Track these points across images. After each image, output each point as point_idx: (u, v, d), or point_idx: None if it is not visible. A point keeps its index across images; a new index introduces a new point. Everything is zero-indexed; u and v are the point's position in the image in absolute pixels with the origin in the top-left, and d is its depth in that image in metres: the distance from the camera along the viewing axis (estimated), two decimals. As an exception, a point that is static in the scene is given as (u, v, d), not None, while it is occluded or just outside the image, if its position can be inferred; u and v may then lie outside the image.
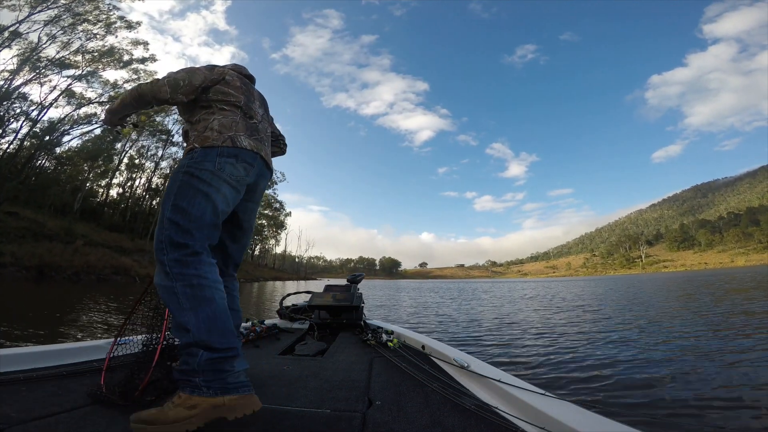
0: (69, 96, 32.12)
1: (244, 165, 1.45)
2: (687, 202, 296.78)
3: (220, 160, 1.37)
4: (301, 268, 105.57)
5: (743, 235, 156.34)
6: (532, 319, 7.93)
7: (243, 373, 1.16)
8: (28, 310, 7.09)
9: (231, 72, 1.64)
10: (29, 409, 1.12)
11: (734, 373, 3.49)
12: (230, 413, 1.07)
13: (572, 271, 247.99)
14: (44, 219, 24.15)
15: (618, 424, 0.98)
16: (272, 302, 13.08)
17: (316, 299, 2.95)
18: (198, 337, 1.12)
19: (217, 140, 1.41)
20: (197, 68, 1.57)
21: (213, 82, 1.54)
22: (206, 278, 1.21)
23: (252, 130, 1.56)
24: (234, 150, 1.42)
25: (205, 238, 1.29)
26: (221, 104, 1.53)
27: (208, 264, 1.25)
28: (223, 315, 1.19)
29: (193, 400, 1.06)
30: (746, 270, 57.28)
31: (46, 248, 19.59)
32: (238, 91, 1.59)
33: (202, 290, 1.18)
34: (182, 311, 1.16)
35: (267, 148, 1.66)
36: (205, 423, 1.05)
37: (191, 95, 1.51)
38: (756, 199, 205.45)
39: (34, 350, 1.60)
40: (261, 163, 1.56)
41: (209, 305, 1.17)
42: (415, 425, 1.13)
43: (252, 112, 1.62)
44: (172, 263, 1.20)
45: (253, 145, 1.51)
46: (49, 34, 29.56)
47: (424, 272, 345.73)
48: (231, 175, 1.39)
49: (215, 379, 1.09)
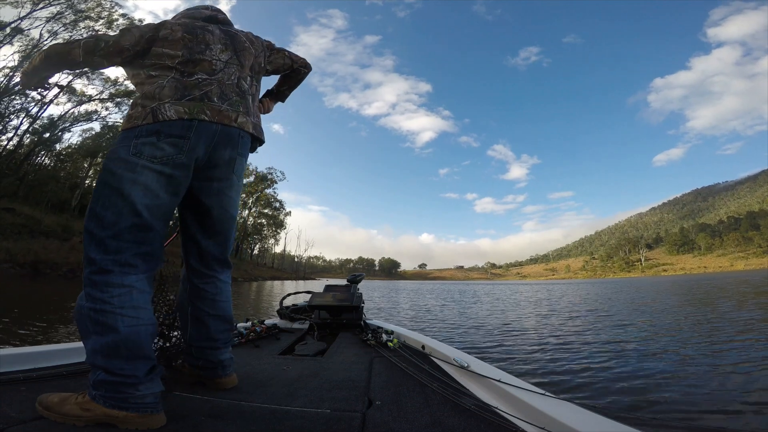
0: (69, 93, 32.11)
1: (172, 140, 1.17)
2: (687, 205, 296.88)
3: (137, 143, 1.14)
4: (300, 268, 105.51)
5: (743, 239, 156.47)
6: (544, 326, 7.45)
7: (152, 395, 1.08)
8: (13, 308, 6.95)
9: (173, 24, 1.32)
10: (29, 409, 1.10)
11: (736, 373, 3.46)
12: (123, 425, 1.04)
13: (571, 274, 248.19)
14: (41, 215, 24.07)
15: (618, 424, 0.96)
16: (270, 302, 12.97)
17: (316, 299, 2.92)
18: (94, 361, 1.06)
19: (138, 118, 1.18)
20: (137, 26, 1.30)
21: (149, 41, 1.25)
22: (110, 303, 1.06)
23: (189, 89, 1.24)
24: (154, 126, 1.16)
25: (129, 248, 1.12)
26: (151, 69, 1.25)
27: (118, 285, 1.08)
28: (128, 344, 1.06)
29: (90, 405, 1.05)
30: (746, 274, 57.25)
31: (41, 245, 19.45)
32: (176, 46, 1.27)
33: (104, 316, 1.05)
34: (87, 336, 1.08)
35: (229, 103, 1.31)
36: (95, 424, 1.04)
37: (115, 57, 1.24)
38: (756, 203, 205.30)
39: (34, 350, 1.58)
40: (210, 129, 1.24)
41: (110, 334, 1.04)
42: (415, 425, 1.13)
43: (197, 65, 1.28)
44: (85, 281, 1.09)
45: (184, 110, 1.20)
46: (51, 31, 29.57)
47: (423, 273, 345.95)
48: (153, 157, 1.14)
49: (113, 397, 1.04)
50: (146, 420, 1.05)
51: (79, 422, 1.04)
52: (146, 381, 1.08)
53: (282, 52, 1.66)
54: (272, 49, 1.63)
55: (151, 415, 1.06)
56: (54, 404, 1.07)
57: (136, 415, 1.04)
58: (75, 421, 1.04)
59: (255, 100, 1.49)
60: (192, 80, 1.26)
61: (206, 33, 1.36)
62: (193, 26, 1.34)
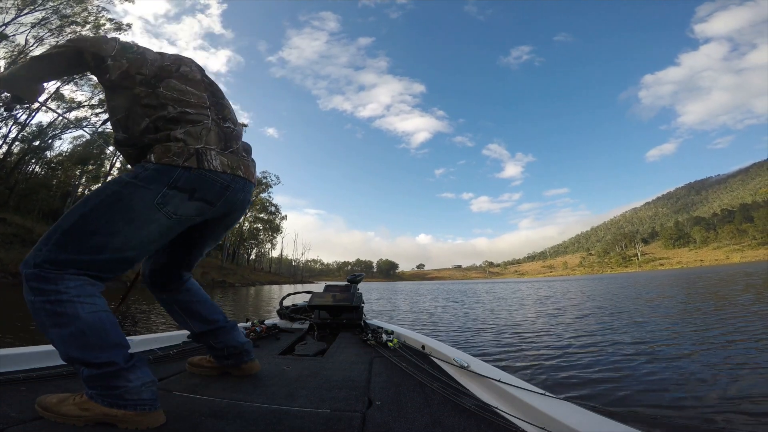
0: (58, 99, 31.56)
1: (199, 204, 1.17)
2: (681, 199, 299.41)
3: (168, 193, 1.10)
4: (297, 272, 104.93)
5: (737, 232, 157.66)
6: (557, 326, 6.76)
7: (146, 388, 1.06)
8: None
9: (186, 61, 1.33)
10: (29, 409, 1.09)
11: (737, 373, 3.39)
12: (122, 424, 1.03)
13: (569, 271, 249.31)
14: (32, 224, 23.63)
15: (618, 424, 0.96)
16: (268, 307, 12.63)
17: (316, 299, 2.93)
18: (69, 355, 1.01)
19: (180, 155, 1.12)
20: (147, 49, 1.26)
21: (164, 70, 1.22)
22: (66, 293, 1.00)
23: (229, 140, 1.27)
24: (193, 178, 1.13)
25: (96, 270, 1.06)
26: (180, 105, 1.20)
27: (73, 280, 1.02)
28: (95, 329, 1.02)
29: (88, 404, 1.04)
30: (744, 266, 57.58)
31: (32, 254, 19.01)
32: (200, 86, 1.28)
33: (62, 306, 0.99)
34: (47, 329, 1.02)
35: (247, 158, 1.36)
36: (94, 423, 1.03)
37: (137, 69, 1.17)
38: (749, 195, 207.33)
39: (34, 350, 1.57)
40: (239, 187, 1.27)
41: (73, 323, 1.00)
42: (415, 425, 1.12)
43: (224, 112, 1.32)
44: (32, 275, 1.00)
45: (227, 163, 1.21)
46: (37, 37, 29.06)
47: (422, 274, 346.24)
48: (173, 214, 1.13)
49: (108, 394, 1.02)
50: (145, 418, 1.04)
51: (79, 422, 1.03)
52: (131, 369, 1.05)
53: None
54: None
55: (149, 413, 1.05)
56: (53, 405, 1.06)
57: (135, 413, 1.03)
58: (74, 422, 1.03)
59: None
60: (227, 128, 1.28)
61: (214, 82, 1.39)
62: (202, 72, 1.36)
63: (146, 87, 1.18)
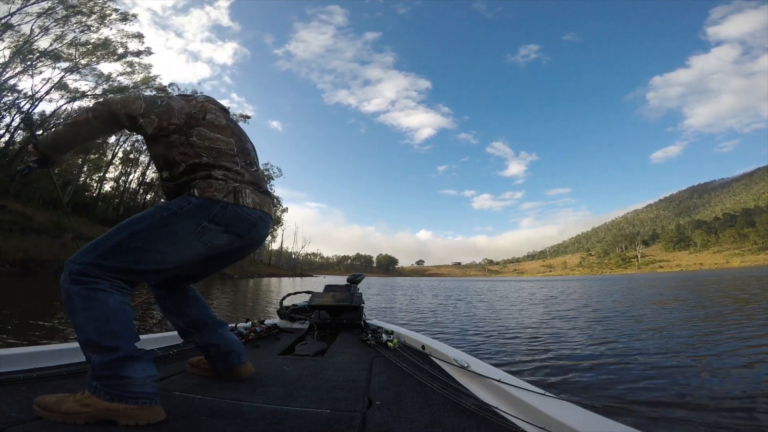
0: (62, 89, 31.72)
1: (231, 237, 1.34)
2: (683, 202, 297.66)
3: (207, 225, 1.27)
4: (297, 265, 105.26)
5: (738, 236, 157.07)
6: (574, 330, 6.28)
7: (149, 382, 1.13)
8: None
9: (211, 108, 1.43)
10: (29, 409, 1.10)
11: (738, 373, 3.41)
12: (123, 419, 1.07)
13: (568, 270, 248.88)
14: (32, 212, 23.77)
15: (618, 424, 0.97)
16: (267, 300, 12.67)
17: (316, 299, 2.93)
18: (86, 337, 1.10)
19: (221, 191, 1.29)
20: (173, 96, 1.38)
21: (192, 118, 1.35)
22: (102, 285, 1.14)
23: (259, 181, 1.43)
24: (228, 213, 1.30)
25: (132, 278, 1.22)
26: (219, 158, 1.35)
27: (110, 280, 1.17)
28: (118, 316, 1.14)
29: (89, 400, 1.07)
30: (744, 271, 57.21)
31: (32, 242, 19.17)
32: (227, 132, 1.41)
33: (95, 293, 1.12)
34: (74, 312, 1.12)
35: (271, 198, 1.52)
36: (95, 421, 1.07)
37: (168, 120, 1.30)
38: (752, 200, 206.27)
39: (34, 350, 1.59)
40: (263, 224, 1.43)
41: (99, 307, 1.11)
42: (415, 425, 1.13)
43: (248, 155, 1.46)
44: (76, 273, 1.13)
45: (258, 201, 1.38)
46: (42, 27, 29.13)
47: (421, 270, 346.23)
48: (208, 242, 1.30)
49: (113, 386, 1.08)
50: (145, 413, 1.08)
51: (79, 420, 1.06)
52: (138, 359, 1.13)
53: None
54: None
55: (150, 407, 1.10)
56: (52, 404, 1.09)
57: (136, 407, 1.07)
58: (75, 419, 1.06)
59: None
60: (254, 172, 1.42)
61: (237, 125, 1.52)
62: (227, 116, 1.48)
63: (179, 134, 1.33)
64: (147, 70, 35.28)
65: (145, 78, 35.31)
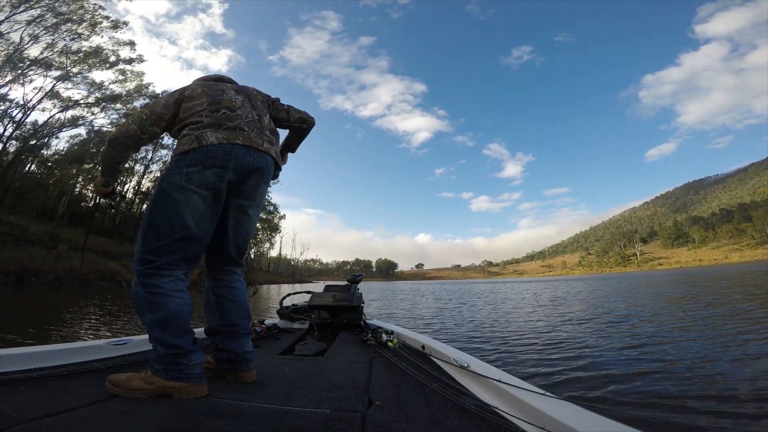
0: (54, 98, 31.27)
1: (215, 170, 1.44)
2: (680, 199, 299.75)
3: (188, 171, 1.41)
4: (296, 272, 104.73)
5: (736, 231, 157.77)
6: (596, 334, 5.52)
7: (199, 365, 1.36)
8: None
9: (192, 85, 1.66)
10: (29, 409, 1.11)
11: (739, 373, 3.32)
12: (177, 394, 1.30)
13: (568, 270, 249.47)
14: (27, 223, 23.41)
15: (618, 424, 0.96)
16: (267, 307, 12.35)
17: (316, 299, 2.94)
18: (153, 335, 1.34)
19: (186, 143, 1.44)
20: (159, 98, 1.59)
21: (176, 103, 1.57)
22: (162, 287, 1.35)
23: (223, 120, 1.53)
24: (200, 153, 1.43)
25: (177, 253, 1.40)
26: (190, 119, 1.53)
27: (167, 276, 1.38)
28: (177, 318, 1.35)
29: (152, 378, 1.31)
30: (745, 266, 57.13)
31: (27, 253, 18.91)
32: (201, 96, 1.58)
33: (158, 297, 1.34)
34: (143, 313, 1.37)
35: (255, 132, 1.59)
36: (156, 395, 1.30)
37: (160, 123, 1.56)
38: (747, 195, 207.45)
39: (34, 350, 1.59)
40: (242, 152, 1.50)
41: (162, 311, 1.33)
42: (415, 425, 1.12)
43: (220, 104, 1.58)
44: (140, 273, 1.37)
45: (222, 136, 1.48)
46: (32, 35, 28.76)
47: (421, 273, 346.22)
48: (200, 184, 1.42)
49: (171, 369, 1.31)
50: (195, 389, 1.32)
51: (143, 395, 1.29)
52: (193, 351, 1.36)
53: (281, 106, 1.89)
54: (275, 102, 1.87)
55: (199, 384, 1.34)
56: (123, 381, 1.32)
57: (188, 385, 1.31)
58: (140, 394, 1.28)
59: (275, 134, 1.75)
60: (221, 114, 1.55)
61: (219, 84, 1.70)
62: (207, 83, 1.67)
63: (174, 125, 1.58)
64: (139, 77, 34.85)
65: (138, 86, 34.90)
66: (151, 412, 1.17)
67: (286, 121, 1.89)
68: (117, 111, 33.74)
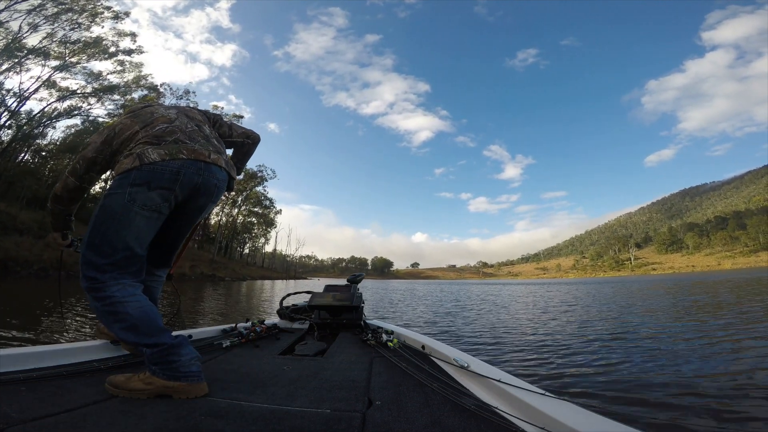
0: (50, 87, 31.10)
1: (161, 192, 1.42)
2: (675, 205, 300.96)
3: (131, 191, 1.38)
4: (291, 267, 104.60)
5: (730, 239, 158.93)
6: (609, 344, 5.12)
7: (194, 363, 1.35)
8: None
9: (121, 120, 1.61)
10: (29, 409, 1.11)
11: (739, 373, 3.39)
12: (176, 394, 1.29)
13: (562, 273, 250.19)
14: (17, 211, 23.21)
15: (618, 424, 0.96)
16: (258, 302, 12.36)
17: (316, 299, 2.94)
18: (130, 340, 1.35)
19: (128, 163, 1.41)
20: (88, 141, 1.57)
21: (106, 142, 1.52)
22: (114, 296, 1.36)
23: (161, 135, 1.50)
24: (143, 173, 1.39)
25: (120, 269, 1.39)
26: (127, 144, 1.50)
27: (116, 286, 1.37)
28: (143, 320, 1.36)
29: (151, 379, 1.30)
30: (736, 273, 57.34)
31: (14, 242, 18.69)
32: (132, 125, 1.54)
33: (115, 306, 1.35)
34: (110, 324, 1.38)
35: (199, 143, 1.56)
36: (156, 396, 1.28)
37: (95, 167, 1.54)
38: (743, 203, 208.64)
39: (34, 350, 1.59)
40: (191, 171, 1.47)
41: (125, 317, 1.34)
42: (415, 425, 1.13)
43: (154, 122, 1.56)
44: (88, 290, 1.37)
45: (165, 152, 1.44)
46: (31, 24, 28.58)
47: (416, 273, 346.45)
48: (144, 205, 1.40)
49: (167, 369, 1.30)
50: (195, 389, 1.31)
51: (143, 395, 1.27)
52: (178, 345, 1.34)
53: (223, 122, 1.90)
54: (216, 117, 1.88)
55: (199, 384, 1.32)
56: (122, 382, 1.30)
57: (187, 384, 1.30)
58: (140, 395, 1.27)
59: (220, 142, 1.73)
60: (157, 130, 1.51)
61: (147, 108, 1.66)
62: (135, 112, 1.62)
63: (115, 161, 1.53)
64: (138, 69, 34.76)
65: (137, 77, 34.79)
66: (150, 412, 1.17)
67: (229, 136, 1.89)
68: (114, 102, 33.75)
